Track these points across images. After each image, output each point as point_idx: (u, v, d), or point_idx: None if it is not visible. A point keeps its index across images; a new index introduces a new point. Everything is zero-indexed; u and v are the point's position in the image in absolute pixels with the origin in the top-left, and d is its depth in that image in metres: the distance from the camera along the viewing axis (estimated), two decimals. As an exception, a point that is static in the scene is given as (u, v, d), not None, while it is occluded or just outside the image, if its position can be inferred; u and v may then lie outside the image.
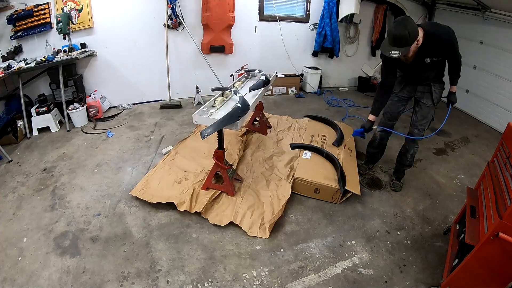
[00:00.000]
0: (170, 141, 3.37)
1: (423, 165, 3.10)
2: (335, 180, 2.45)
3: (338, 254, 1.99)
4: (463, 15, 4.59)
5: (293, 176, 2.54)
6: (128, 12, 3.94)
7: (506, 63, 3.95)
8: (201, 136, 1.89)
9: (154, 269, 1.83)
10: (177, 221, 2.20)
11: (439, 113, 4.74)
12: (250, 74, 3.33)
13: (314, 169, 2.60)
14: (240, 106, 2.10)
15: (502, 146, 1.67)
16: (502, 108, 4.03)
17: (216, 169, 2.39)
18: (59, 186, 2.59)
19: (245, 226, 2.13)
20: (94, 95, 4.03)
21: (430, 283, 1.79)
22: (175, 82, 4.49)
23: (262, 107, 3.45)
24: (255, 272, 1.84)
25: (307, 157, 2.77)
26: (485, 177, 1.74)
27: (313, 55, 5.24)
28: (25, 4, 3.44)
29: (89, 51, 3.84)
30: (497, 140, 1.80)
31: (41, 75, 3.81)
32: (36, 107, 3.51)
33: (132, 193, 2.39)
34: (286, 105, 4.66)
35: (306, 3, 4.87)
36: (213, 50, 4.45)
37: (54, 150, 3.18)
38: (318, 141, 3.08)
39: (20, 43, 3.59)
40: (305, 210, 2.37)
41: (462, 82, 4.65)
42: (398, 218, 2.35)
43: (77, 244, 2.00)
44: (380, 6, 5.13)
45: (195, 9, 4.18)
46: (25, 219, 2.21)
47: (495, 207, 1.40)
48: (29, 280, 1.74)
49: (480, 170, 2.88)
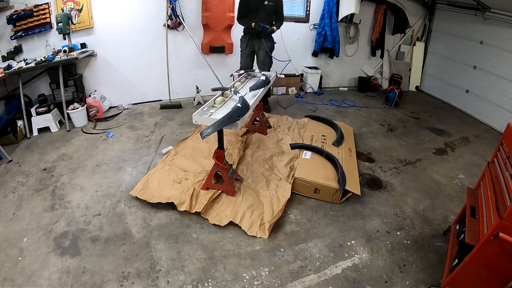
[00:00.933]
0: (170, 141, 3.37)
1: (423, 165, 3.10)
2: (335, 180, 2.45)
3: (338, 254, 1.99)
4: (463, 15, 4.59)
5: (293, 176, 2.54)
6: (128, 12, 3.95)
7: (506, 63, 3.95)
8: (201, 136, 1.89)
9: (154, 269, 1.83)
10: (177, 221, 2.20)
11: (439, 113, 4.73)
12: (250, 74, 3.33)
13: (314, 169, 2.60)
14: (240, 106, 2.10)
15: (502, 146, 1.67)
16: (502, 108, 4.04)
17: (216, 169, 2.39)
18: (59, 186, 2.59)
19: (245, 225, 2.13)
20: (94, 95, 4.03)
21: (430, 283, 1.79)
22: (175, 82, 4.49)
23: (262, 107, 3.45)
24: (255, 272, 1.84)
25: (307, 157, 2.77)
26: (485, 177, 1.74)
27: (313, 55, 5.24)
28: (25, 4, 3.44)
29: (89, 51, 3.84)
30: (497, 140, 1.80)
31: (41, 75, 3.81)
32: (36, 107, 3.51)
33: (132, 193, 2.39)
34: (286, 105, 4.66)
35: (306, 3, 4.87)
36: (213, 50, 4.45)
37: (54, 150, 3.18)
38: (318, 141, 3.08)
39: (20, 43, 3.60)
40: (305, 210, 2.37)
41: (462, 82, 4.71)
42: (398, 218, 2.35)
43: (77, 244, 2.00)
44: (380, 6, 5.14)
45: (195, 9, 4.18)
46: (25, 219, 2.21)
47: (495, 207, 1.40)
48: (29, 280, 1.74)
49: (480, 170, 2.88)
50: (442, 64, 5.18)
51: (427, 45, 5.49)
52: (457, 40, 4.82)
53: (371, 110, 4.56)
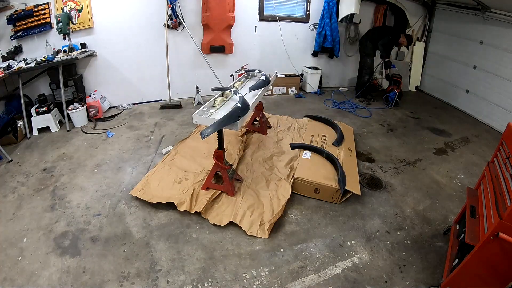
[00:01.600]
0: (170, 141, 3.37)
1: (423, 165, 3.10)
2: (335, 180, 2.45)
3: (338, 254, 1.99)
4: (463, 15, 4.59)
5: (293, 176, 2.54)
6: (128, 12, 3.94)
7: (506, 63, 3.95)
8: (201, 136, 1.90)
9: (154, 269, 1.83)
10: (177, 221, 2.20)
11: (439, 113, 4.73)
12: (250, 74, 3.33)
13: (314, 169, 2.60)
14: (240, 106, 2.10)
15: (502, 146, 1.67)
16: (502, 108, 4.03)
17: (216, 169, 2.39)
18: (59, 186, 2.59)
19: (245, 225, 2.13)
20: (94, 95, 4.03)
21: (430, 283, 1.79)
22: (175, 82, 4.48)
23: (262, 107, 3.45)
24: (255, 272, 1.84)
25: (307, 157, 2.77)
26: (485, 177, 1.74)
27: (313, 55, 5.24)
28: (25, 4, 3.44)
29: (89, 51, 3.84)
30: (497, 140, 1.80)
31: (41, 75, 3.81)
32: (36, 107, 3.51)
33: (132, 193, 2.39)
34: (286, 105, 4.66)
35: (306, 3, 4.87)
36: (213, 50, 4.45)
37: (54, 150, 3.18)
38: (318, 141, 3.08)
39: (20, 43, 3.60)
40: (305, 210, 2.37)
41: (462, 82, 4.70)
42: (398, 218, 2.35)
43: (77, 244, 2.00)
44: (380, 6, 5.14)
45: (195, 9, 4.18)
46: (25, 219, 2.21)
47: (495, 207, 1.40)
48: (29, 280, 1.74)
49: (480, 170, 2.88)
50: (442, 64, 5.18)
51: (427, 45, 5.49)
52: (457, 40, 4.82)
53: (371, 110, 4.56)
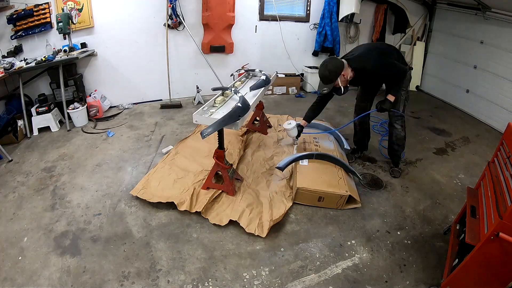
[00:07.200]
0: (170, 140, 3.37)
1: (423, 165, 3.10)
2: (338, 185, 2.36)
3: (339, 254, 1.99)
4: (464, 14, 4.58)
5: (295, 189, 2.39)
6: (128, 11, 3.94)
7: (507, 63, 3.94)
8: (201, 136, 1.90)
9: (155, 268, 1.84)
10: (177, 221, 2.20)
11: (439, 113, 4.72)
12: (251, 74, 3.33)
13: (315, 175, 2.46)
14: (241, 105, 2.10)
15: (502, 146, 1.66)
16: (502, 108, 4.03)
17: (216, 168, 2.39)
18: (60, 186, 2.59)
19: (243, 222, 2.12)
20: (94, 94, 4.03)
21: (430, 283, 1.79)
22: (176, 82, 4.49)
23: (262, 107, 3.45)
24: (255, 271, 1.84)
25: (305, 164, 2.62)
26: (486, 177, 1.74)
27: (313, 54, 5.24)
28: (25, 4, 3.44)
29: (89, 51, 3.84)
30: (498, 140, 1.80)
31: (42, 74, 3.81)
32: (36, 107, 3.51)
33: (133, 193, 2.39)
34: (286, 104, 4.66)
35: (307, 2, 4.87)
36: (213, 49, 4.45)
37: (55, 149, 3.18)
38: (311, 144, 2.98)
39: (20, 42, 3.60)
40: (305, 210, 2.37)
41: (462, 82, 4.70)
42: (398, 218, 2.34)
43: (77, 243, 2.01)
44: (380, 5, 5.13)
45: (195, 8, 4.18)
46: (25, 219, 2.21)
47: (495, 207, 1.40)
48: (30, 279, 1.75)
49: (480, 170, 2.87)
50: (443, 63, 5.17)
51: (428, 45, 5.48)
52: (457, 40, 4.81)
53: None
